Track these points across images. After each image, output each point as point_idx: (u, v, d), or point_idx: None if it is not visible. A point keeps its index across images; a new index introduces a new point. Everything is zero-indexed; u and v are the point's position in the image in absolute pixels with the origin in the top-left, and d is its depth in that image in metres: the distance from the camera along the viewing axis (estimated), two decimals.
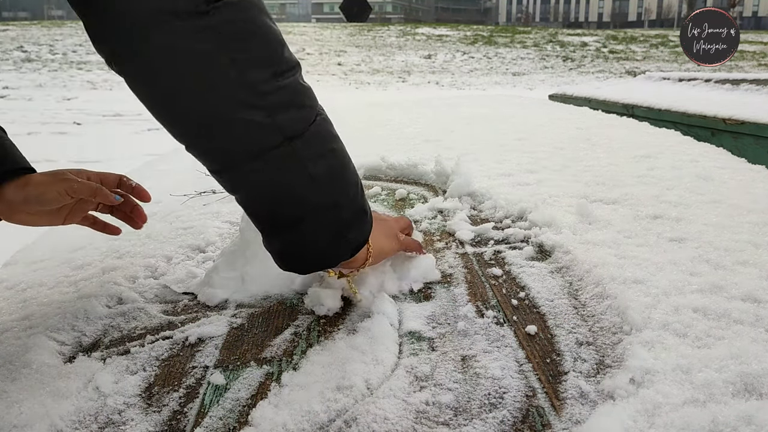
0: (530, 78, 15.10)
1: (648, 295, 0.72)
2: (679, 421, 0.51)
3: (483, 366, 0.62)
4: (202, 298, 0.81)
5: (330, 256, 0.69)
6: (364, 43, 21.41)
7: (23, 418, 0.56)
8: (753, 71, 14.51)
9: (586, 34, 24.71)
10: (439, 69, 16.83)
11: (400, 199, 1.25)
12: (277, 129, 0.61)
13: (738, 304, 0.70)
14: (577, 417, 0.53)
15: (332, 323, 0.73)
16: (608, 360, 0.62)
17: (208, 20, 0.55)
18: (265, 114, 0.59)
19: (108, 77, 13.83)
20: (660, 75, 3.37)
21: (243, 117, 0.59)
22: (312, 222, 0.65)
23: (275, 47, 0.61)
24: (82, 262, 0.95)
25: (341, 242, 0.68)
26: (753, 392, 0.54)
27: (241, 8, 0.58)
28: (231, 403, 0.58)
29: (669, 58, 18.51)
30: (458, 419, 0.54)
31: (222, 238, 1.03)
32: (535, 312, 0.73)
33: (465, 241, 0.98)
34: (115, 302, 0.82)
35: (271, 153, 0.61)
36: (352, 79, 14.72)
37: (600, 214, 1.01)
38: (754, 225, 0.96)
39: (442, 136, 1.86)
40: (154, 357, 0.67)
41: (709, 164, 1.38)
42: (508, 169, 1.37)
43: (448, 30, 25.24)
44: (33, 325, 0.75)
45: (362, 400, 0.57)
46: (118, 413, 0.58)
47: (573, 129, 1.91)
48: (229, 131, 0.59)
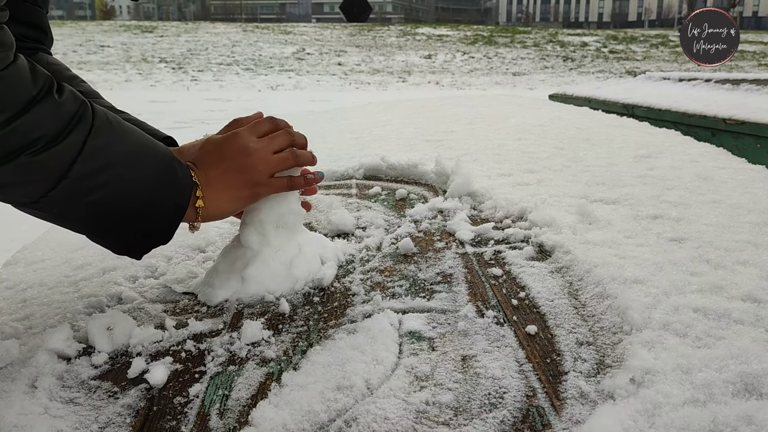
0: (530, 78, 15.10)
1: (648, 295, 0.72)
2: (680, 421, 0.51)
3: (483, 366, 0.62)
4: (202, 298, 0.81)
5: (134, 249, 0.72)
6: (364, 43, 21.42)
7: (23, 418, 0.56)
8: (753, 71, 14.51)
9: (586, 34, 24.72)
10: (439, 69, 16.84)
11: (401, 199, 1.25)
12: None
13: (738, 304, 0.70)
14: (577, 417, 0.53)
15: (332, 323, 0.73)
16: (608, 360, 0.62)
17: None
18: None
19: (108, 77, 13.85)
20: (660, 75, 3.37)
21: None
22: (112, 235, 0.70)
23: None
24: (82, 262, 0.95)
25: (141, 241, 0.72)
26: (753, 392, 0.54)
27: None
28: (231, 403, 0.58)
29: (669, 58, 18.51)
30: (458, 419, 0.54)
31: (222, 237, 1.03)
32: (535, 312, 0.73)
33: (465, 241, 0.98)
34: (115, 302, 0.82)
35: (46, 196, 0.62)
36: (352, 79, 14.72)
37: (600, 214, 1.01)
38: (754, 225, 0.96)
39: (442, 136, 1.86)
40: (154, 357, 0.67)
41: (709, 164, 1.38)
42: (508, 169, 1.37)
43: (449, 30, 25.25)
44: (33, 325, 0.75)
45: (362, 400, 0.57)
46: (118, 414, 0.58)
47: (573, 129, 1.91)
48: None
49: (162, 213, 0.71)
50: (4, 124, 0.56)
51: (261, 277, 0.81)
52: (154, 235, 0.72)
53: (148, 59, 17.25)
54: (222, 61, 17.53)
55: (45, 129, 0.59)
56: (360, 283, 0.84)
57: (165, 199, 0.70)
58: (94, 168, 0.63)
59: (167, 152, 0.72)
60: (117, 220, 0.68)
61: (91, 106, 0.65)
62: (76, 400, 0.60)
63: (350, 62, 17.58)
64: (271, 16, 78.70)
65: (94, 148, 0.63)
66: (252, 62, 17.33)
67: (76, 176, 0.62)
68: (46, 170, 0.61)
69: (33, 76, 0.59)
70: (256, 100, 10.39)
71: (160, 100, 10.43)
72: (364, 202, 1.23)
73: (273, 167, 0.78)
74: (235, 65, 16.81)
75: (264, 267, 0.81)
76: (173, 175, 0.71)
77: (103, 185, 0.64)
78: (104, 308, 0.79)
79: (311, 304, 0.79)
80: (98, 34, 21.64)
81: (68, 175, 0.61)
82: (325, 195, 1.28)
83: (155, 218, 0.70)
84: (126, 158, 0.66)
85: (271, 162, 0.78)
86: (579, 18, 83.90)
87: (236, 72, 15.72)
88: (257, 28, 25.75)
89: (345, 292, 0.81)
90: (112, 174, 0.65)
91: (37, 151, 0.59)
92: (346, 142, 1.79)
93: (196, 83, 13.72)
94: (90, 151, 0.62)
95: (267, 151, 0.78)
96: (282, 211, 0.83)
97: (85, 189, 0.63)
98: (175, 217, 0.72)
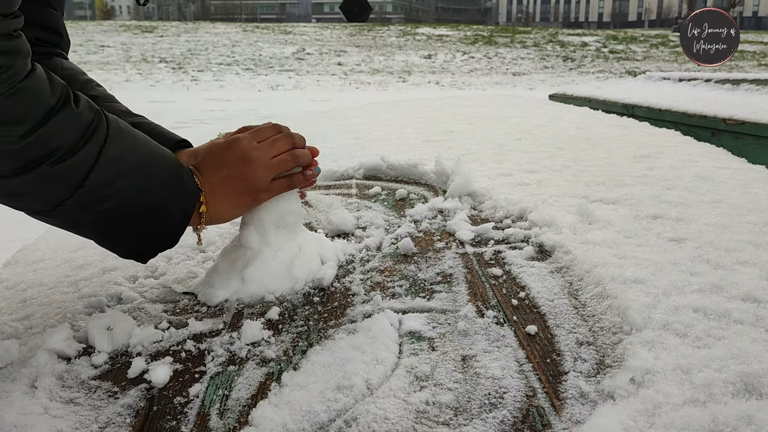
0: (530, 78, 15.10)
1: (648, 295, 0.72)
2: (680, 421, 0.51)
3: (483, 366, 0.62)
4: (202, 298, 0.81)
5: (146, 253, 0.74)
6: (364, 43, 21.42)
7: (23, 418, 0.56)
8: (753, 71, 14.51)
9: (586, 34, 24.72)
10: (439, 69, 16.84)
11: (401, 199, 1.25)
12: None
13: (738, 304, 0.70)
14: (577, 417, 0.53)
15: (332, 323, 0.73)
16: (608, 360, 0.62)
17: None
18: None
19: (108, 77, 13.84)
20: (660, 75, 3.37)
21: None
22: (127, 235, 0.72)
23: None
24: (82, 262, 0.95)
25: (150, 242, 0.73)
26: (753, 392, 0.54)
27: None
28: (231, 403, 0.58)
29: (669, 58, 18.52)
30: (458, 419, 0.54)
31: (222, 237, 1.03)
32: (535, 312, 0.73)
33: (465, 241, 0.98)
34: (115, 302, 0.82)
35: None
36: (352, 79, 14.72)
37: (600, 214, 1.01)
38: (754, 225, 0.96)
39: (442, 136, 1.86)
40: (154, 357, 0.67)
41: (709, 164, 1.38)
42: (508, 169, 1.37)
43: (449, 30, 25.25)
44: (33, 325, 0.75)
45: (362, 400, 0.57)
46: (118, 414, 0.58)
47: (573, 129, 1.91)
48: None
49: (169, 218, 0.72)
50: (24, 135, 0.57)
51: (261, 277, 0.81)
52: (160, 239, 0.73)
53: (148, 59, 17.26)
54: (222, 61, 17.54)
55: (63, 139, 0.60)
56: (360, 283, 0.84)
57: (172, 205, 0.72)
58: (110, 177, 0.64)
59: (173, 159, 0.73)
60: (126, 225, 0.69)
61: (104, 114, 0.65)
62: (76, 400, 0.60)
63: (350, 62, 17.59)
64: (271, 16, 78.67)
65: (109, 157, 0.64)
66: (252, 62, 17.33)
67: (92, 185, 0.63)
68: (64, 180, 0.62)
69: (51, 86, 0.60)
70: (256, 100, 10.39)
71: (160, 100, 10.43)
72: (364, 202, 1.23)
73: (274, 172, 0.79)
74: (235, 65, 16.82)
75: (264, 267, 0.81)
76: (179, 181, 0.72)
77: (117, 193, 0.66)
78: (104, 308, 0.79)
79: (311, 304, 0.79)
80: (98, 34, 21.65)
81: (85, 184, 0.63)
82: (325, 195, 1.28)
83: (163, 223, 0.72)
84: (138, 166, 0.67)
85: (271, 167, 0.79)
86: (579, 18, 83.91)
87: (236, 72, 15.72)
88: (257, 28, 25.76)
89: (345, 292, 0.81)
90: (125, 182, 0.66)
91: (55, 162, 0.60)
92: (346, 142, 1.79)
93: (196, 83, 13.73)
94: (105, 161, 0.63)
95: (267, 157, 0.79)
96: (282, 211, 0.83)
97: (99, 197, 0.65)
98: (181, 222, 0.73)
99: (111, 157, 0.64)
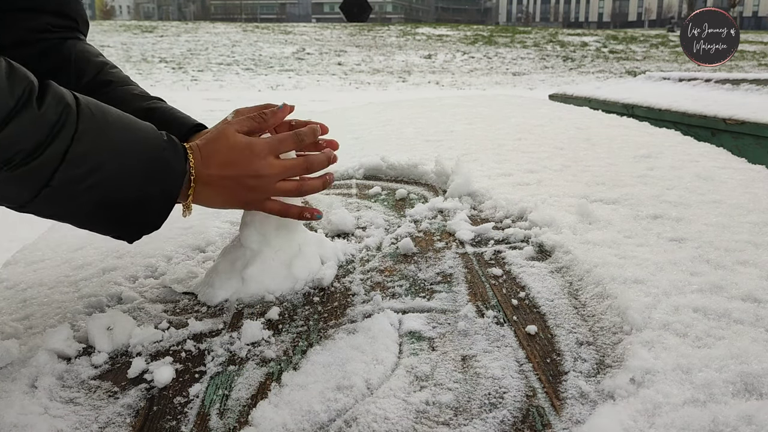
0: (530, 78, 15.10)
1: (648, 295, 0.72)
2: (680, 421, 0.51)
3: (483, 366, 0.62)
4: (202, 298, 0.81)
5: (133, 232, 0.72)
6: (364, 43, 21.42)
7: (23, 418, 0.56)
8: (753, 71, 14.51)
9: (586, 34, 24.72)
10: (439, 69, 16.84)
11: (400, 199, 1.25)
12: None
13: (738, 304, 0.70)
14: (577, 417, 0.53)
15: (332, 323, 0.73)
16: (608, 360, 0.62)
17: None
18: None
19: None
20: (660, 75, 3.37)
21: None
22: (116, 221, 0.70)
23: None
24: (82, 262, 0.95)
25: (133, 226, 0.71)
26: (753, 392, 0.54)
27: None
28: (231, 402, 0.58)
29: (669, 58, 18.51)
30: (458, 419, 0.54)
31: (222, 237, 1.03)
32: (535, 312, 0.73)
33: (465, 241, 0.98)
34: (115, 302, 0.82)
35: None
36: (352, 79, 14.72)
37: (600, 214, 1.01)
38: (754, 225, 0.96)
39: (442, 136, 1.86)
40: (154, 357, 0.67)
41: (709, 164, 1.38)
42: (508, 169, 1.37)
43: (448, 30, 25.25)
44: (33, 325, 0.75)
45: (362, 400, 0.57)
46: (118, 414, 0.58)
47: (573, 129, 1.91)
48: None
49: (150, 206, 0.69)
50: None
51: (261, 277, 0.81)
52: (142, 225, 0.71)
53: (148, 59, 17.25)
54: (222, 61, 17.53)
55: (23, 144, 0.56)
56: (360, 283, 0.84)
57: (153, 192, 0.69)
58: (78, 174, 0.61)
59: (156, 144, 0.69)
60: (104, 215, 0.68)
61: (76, 105, 0.61)
62: (76, 400, 0.60)
63: (350, 62, 17.58)
64: (271, 16, 78.71)
65: (77, 154, 0.60)
66: (252, 62, 17.33)
67: (59, 184, 0.60)
68: (26, 182, 0.59)
69: (9, 84, 0.56)
70: (256, 100, 10.37)
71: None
72: (364, 202, 1.23)
73: (279, 195, 0.77)
74: (235, 65, 16.81)
75: (264, 267, 0.81)
76: (162, 168, 0.69)
77: (89, 189, 0.63)
78: (104, 308, 0.79)
79: (311, 304, 0.79)
80: (98, 33, 21.64)
81: (50, 183, 0.60)
82: (325, 195, 1.28)
83: (143, 212, 0.69)
84: (112, 159, 0.64)
85: (277, 191, 0.77)
86: (579, 18, 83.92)
87: (236, 72, 15.71)
88: (257, 28, 25.75)
89: (345, 292, 0.81)
90: (96, 178, 0.63)
91: (14, 167, 0.57)
92: (346, 142, 1.79)
93: (196, 83, 13.72)
94: (72, 159, 0.60)
95: (278, 178, 0.76)
96: None
97: (69, 194, 0.62)
98: (164, 207, 0.70)
99: (79, 154, 0.60)
